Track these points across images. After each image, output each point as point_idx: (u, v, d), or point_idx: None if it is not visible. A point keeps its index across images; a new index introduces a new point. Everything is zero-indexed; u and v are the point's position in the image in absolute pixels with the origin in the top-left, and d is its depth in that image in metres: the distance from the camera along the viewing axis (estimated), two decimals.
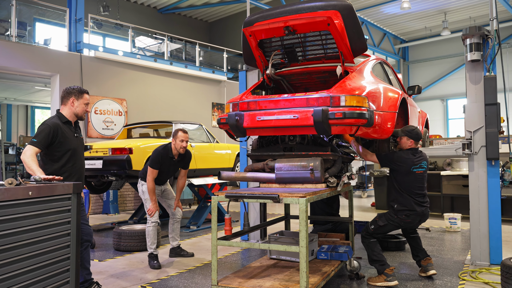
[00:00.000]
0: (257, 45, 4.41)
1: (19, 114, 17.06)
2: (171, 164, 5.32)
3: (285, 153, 4.26)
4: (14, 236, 2.42)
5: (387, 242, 5.96)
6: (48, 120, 3.72)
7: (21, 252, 2.47)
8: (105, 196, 10.15)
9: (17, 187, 2.46)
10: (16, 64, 9.15)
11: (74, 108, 3.79)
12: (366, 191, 13.96)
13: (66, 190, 2.84)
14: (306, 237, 3.33)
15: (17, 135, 16.43)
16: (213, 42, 16.61)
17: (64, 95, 3.81)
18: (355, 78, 4.15)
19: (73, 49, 10.35)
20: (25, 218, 2.50)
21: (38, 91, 13.65)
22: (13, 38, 9.54)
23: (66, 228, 2.84)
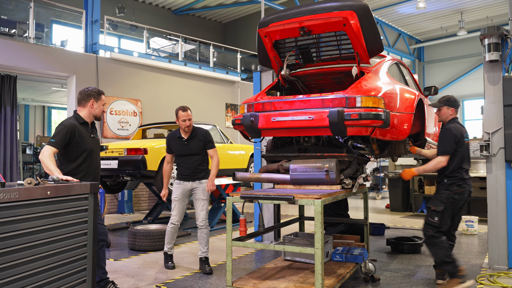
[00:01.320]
0: (272, 46, 4.40)
1: (36, 115, 17.31)
2: (181, 144, 5.01)
3: (300, 154, 4.24)
4: (32, 235, 2.45)
5: (403, 245, 5.89)
6: (66, 120, 3.77)
7: (40, 251, 2.50)
8: (120, 196, 10.25)
9: (36, 186, 2.49)
10: (34, 65, 9.30)
11: (93, 109, 3.84)
12: (380, 193, 13.84)
13: (83, 190, 2.87)
14: (321, 238, 3.31)
15: (34, 135, 16.67)
16: (227, 43, 16.65)
17: (82, 97, 3.85)
18: (371, 79, 4.11)
19: (89, 50, 10.47)
20: (43, 217, 2.53)
21: (54, 92, 13.84)
22: (31, 39, 9.70)
23: (83, 227, 2.87)
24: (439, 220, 4.18)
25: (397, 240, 6.05)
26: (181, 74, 12.13)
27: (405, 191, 10.43)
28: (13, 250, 2.31)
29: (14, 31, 9.87)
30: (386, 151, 4.72)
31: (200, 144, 5.02)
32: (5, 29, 9.77)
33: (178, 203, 5.02)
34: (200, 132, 5.07)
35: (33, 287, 2.44)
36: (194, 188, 5.04)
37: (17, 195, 2.32)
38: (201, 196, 5.00)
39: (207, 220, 5.01)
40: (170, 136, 5.13)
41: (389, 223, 8.38)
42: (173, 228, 5.07)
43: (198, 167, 5.02)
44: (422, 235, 4.42)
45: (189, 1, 16.05)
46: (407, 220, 9.05)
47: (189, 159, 5.02)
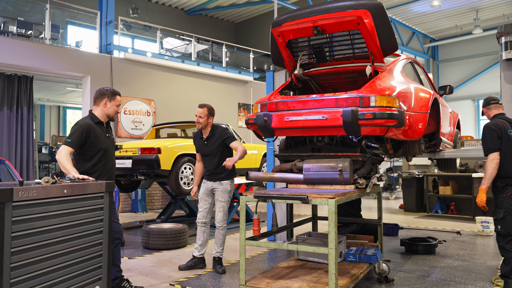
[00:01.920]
0: (285, 45, 4.40)
1: (52, 115, 17.55)
2: (202, 144, 5.03)
3: (314, 153, 4.23)
4: (49, 233, 2.48)
5: (417, 245, 5.83)
6: (81, 120, 3.81)
7: (56, 248, 2.53)
8: (133, 195, 10.33)
9: (53, 185, 2.53)
10: (50, 66, 9.43)
11: (106, 109, 3.86)
12: (393, 193, 13.72)
13: (99, 189, 2.90)
14: (335, 238, 3.30)
15: (50, 135, 16.91)
16: (240, 43, 16.67)
17: (97, 96, 3.89)
18: (385, 78, 4.08)
19: (103, 50, 10.58)
20: (60, 215, 2.57)
21: (69, 92, 14.00)
22: (46, 40, 9.83)
23: (99, 226, 2.90)
24: (502, 228, 3.97)
25: (411, 240, 6.00)
26: (194, 74, 12.18)
27: (419, 191, 10.33)
28: (31, 248, 2.35)
29: (31, 32, 10.02)
30: (401, 150, 4.67)
31: (218, 142, 4.95)
32: (22, 31, 9.93)
33: (201, 202, 5.06)
34: (218, 131, 5.01)
35: (50, 284, 2.48)
36: (214, 188, 5.00)
37: (35, 194, 2.36)
38: (219, 197, 4.96)
39: (225, 222, 4.98)
40: (194, 135, 5.18)
41: (402, 223, 8.31)
42: (199, 226, 5.04)
43: (217, 167, 4.97)
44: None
45: (202, 1, 16.12)
46: (421, 220, 8.96)
47: (209, 159, 5.01)
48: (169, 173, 6.87)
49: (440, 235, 7.14)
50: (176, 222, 8.04)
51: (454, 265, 5.16)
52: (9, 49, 8.91)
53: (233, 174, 5.06)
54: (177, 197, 8.60)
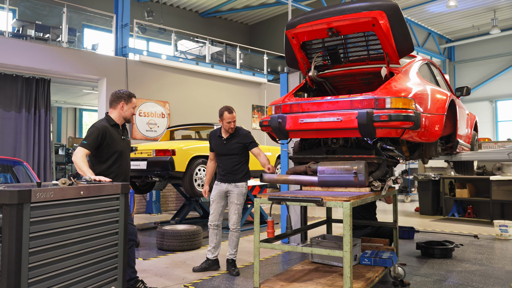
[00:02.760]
0: (299, 47, 4.39)
1: (68, 117, 17.80)
2: (220, 143, 4.98)
3: (328, 156, 4.21)
4: (66, 234, 2.52)
5: (433, 249, 5.75)
6: (97, 122, 3.85)
7: (72, 249, 2.56)
8: (148, 196, 10.42)
9: (69, 186, 2.56)
10: (66, 69, 9.57)
11: (123, 112, 3.90)
12: (409, 196, 13.58)
13: (115, 190, 2.93)
14: (350, 241, 3.27)
15: (66, 137, 17.15)
16: (253, 45, 16.70)
17: (113, 99, 3.93)
18: (401, 80, 4.05)
19: (119, 53, 10.70)
20: (76, 216, 2.60)
21: (86, 94, 14.20)
22: (63, 43, 9.99)
23: (115, 227, 2.93)
24: None
25: (427, 244, 5.92)
26: (208, 76, 12.24)
27: (435, 194, 10.19)
28: (48, 248, 2.38)
29: (48, 36, 10.20)
30: (417, 153, 4.62)
31: (239, 145, 4.95)
32: (40, 34, 10.11)
33: (214, 204, 5.01)
34: (241, 133, 5.01)
35: (67, 284, 2.51)
36: (229, 191, 4.97)
37: (52, 195, 2.39)
38: (235, 200, 4.93)
39: (239, 224, 4.97)
40: (211, 134, 5.13)
41: (418, 226, 8.21)
42: (211, 229, 5.01)
43: (235, 168, 4.94)
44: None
45: (216, 3, 16.19)
46: (438, 224, 8.84)
47: (227, 159, 4.96)
48: (183, 175, 6.91)
49: (457, 238, 7.03)
50: (190, 223, 8.07)
51: (472, 270, 5.07)
52: (27, 53, 9.08)
53: (247, 176, 5.05)
54: (191, 199, 8.65)
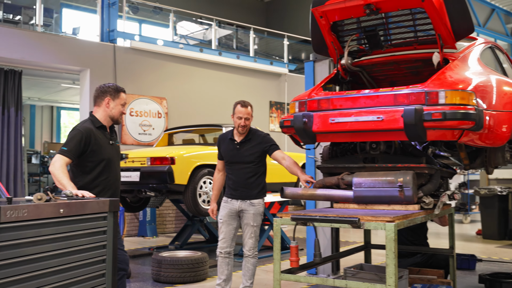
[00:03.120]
0: (329, 29, 4.40)
1: (44, 117, 18.08)
2: (232, 148, 4.91)
3: (366, 165, 4.20)
4: (42, 261, 2.54)
5: (501, 283, 5.67)
6: (80, 124, 3.90)
7: (49, 281, 2.59)
8: (141, 216, 10.49)
9: (47, 203, 2.60)
10: (41, 58, 9.73)
11: (109, 110, 3.93)
12: (468, 215, 13.39)
13: (101, 208, 2.96)
14: (395, 273, 3.25)
15: (41, 141, 17.42)
16: (271, 26, 16.74)
17: (97, 95, 3.97)
18: (458, 68, 4.04)
19: (105, 39, 10.83)
20: (54, 240, 2.63)
21: (65, 89, 14.42)
22: (38, 27, 10.16)
23: (101, 253, 2.96)
24: None
25: (493, 276, 5.83)
26: (215, 66, 12.31)
27: (502, 213, 10.03)
28: (20, 280, 2.41)
29: (19, 18, 10.39)
30: (479, 160, 4.57)
31: (255, 150, 4.87)
32: (9, 16, 10.31)
33: (224, 226, 4.92)
34: (258, 135, 4.97)
35: None
36: (243, 210, 4.88)
37: (26, 213, 2.43)
38: (250, 221, 4.86)
39: (256, 249, 4.92)
40: (221, 137, 5.09)
41: (481, 254, 8.09)
42: (221, 258, 4.95)
43: (249, 180, 4.85)
44: None
45: None
46: (506, 250, 8.70)
47: (240, 169, 4.88)
48: (184, 189, 6.94)
49: None
50: (194, 249, 8.09)
51: None
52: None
53: (264, 191, 5.00)
54: (194, 219, 8.68)
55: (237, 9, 17.82)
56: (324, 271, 6.28)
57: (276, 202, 8.30)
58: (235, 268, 6.37)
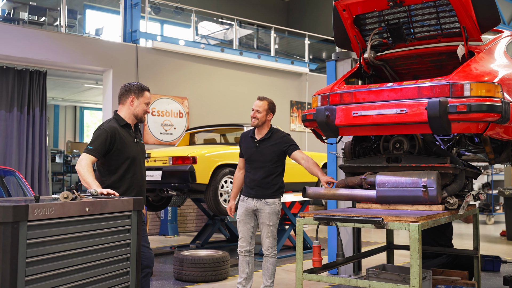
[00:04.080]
0: (352, 22, 4.40)
1: (67, 116, 18.30)
2: (252, 146, 4.91)
3: (390, 165, 4.17)
4: (68, 259, 2.58)
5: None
6: (105, 123, 3.93)
7: (75, 278, 2.62)
8: (162, 215, 10.56)
9: (72, 201, 2.63)
10: (65, 59, 9.86)
11: (133, 108, 3.96)
12: (492, 216, 13.20)
13: (126, 207, 2.99)
14: (419, 273, 3.22)
15: (65, 141, 17.66)
16: (292, 26, 16.71)
17: (122, 94, 4.00)
18: (484, 61, 4.00)
19: (128, 39, 10.93)
20: (80, 238, 2.66)
21: (88, 90, 14.59)
22: (62, 28, 10.30)
23: (125, 251, 2.99)
24: None
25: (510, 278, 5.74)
26: (236, 66, 12.33)
27: None
28: (46, 277, 2.44)
29: (44, 20, 10.55)
30: (504, 155, 4.53)
31: (274, 149, 4.85)
32: (34, 17, 10.47)
33: (241, 225, 4.95)
34: (278, 134, 4.95)
35: None
36: (258, 209, 4.86)
37: (53, 212, 2.46)
38: (266, 221, 4.82)
39: (275, 248, 4.90)
40: (243, 135, 5.12)
41: (506, 255, 7.97)
42: (241, 257, 4.97)
43: (266, 180, 4.83)
44: None
45: None
46: None
47: (258, 167, 4.87)
48: (206, 188, 6.97)
49: None
50: (215, 248, 8.12)
51: None
52: (19, 40, 9.41)
53: (281, 191, 4.96)
54: (215, 218, 8.71)
55: (258, 9, 17.82)
56: (345, 271, 6.25)
57: (297, 202, 8.27)
58: (256, 267, 6.38)
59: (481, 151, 4.52)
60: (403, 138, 4.25)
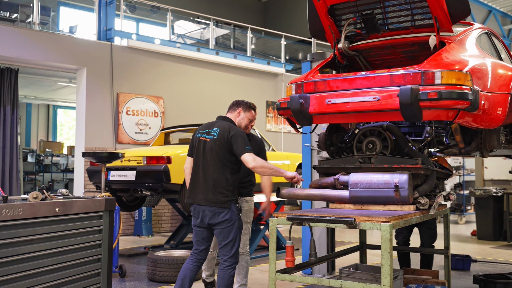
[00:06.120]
0: (326, 12, 4.43)
1: (40, 115, 18.02)
2: None
3: (362, 165, 4.20)
4: (37, 260, 2.54)
5: (495, 283, 5.68)
6: (236, 128, 4.28)
7: (44, 280, 2.59)
8: (136, 215, 10.48)
9: (42, 202, 2.60)
10: (38, 56, 9.69)
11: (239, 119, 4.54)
12: (464, 216, 13.44)
13: (98, 207, 2.96)
14: (390, 273, 3.26)
15: (37, 140, 17.37)
16: (268, 26, 16.75)
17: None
18: (455, 50, 4.09)
19: (102, 37, 10.80)
20: (49, 239, 2.63)
21: (61, 88, 14.39)
22: (35, 25, 10.12)
23: (97, 252, 2.96)
24: None
25: (488, 277, 5.85)
26: (212, 66, 12.30)
27: (498, 214, 10.07)
28: (15, 278, 2.41)
29: (16, 16, 10.35)
30: (474, 144, 4.63)
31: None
32: (6, 14, 10.27)
33: None
34: (254, 139, 5.18)
35: None
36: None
37: (22, 212, 2.43)
38: (244, 217, 4.90)
39: (248, 247, 4.97)
40: None
41: (476, 254, 8.12)
42: (209, 254, 5.06)
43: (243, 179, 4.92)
44: None
45: None
46: (500, 251, 8.73)
47: None
48: (181, 188, 6.93)
49: None
50: (189, 248, 8.08)
51: None
52: None
53: (252, 188, 5.13)
54: (190, 218, 8.67)
55: (234, 9, 17.82)
56: (319, 271, 6.29)
57: (272, 202, 8.28)
58: None
59: (453, 145, 4.61)
60: (376, 139, 4.30)
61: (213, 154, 4.12)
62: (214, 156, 4.11)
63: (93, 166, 7.57)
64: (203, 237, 4.23)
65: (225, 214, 4.06)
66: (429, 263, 5.82)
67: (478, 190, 10.20)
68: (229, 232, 4.09)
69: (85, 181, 9.73)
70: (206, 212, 4.09)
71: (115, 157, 6.25)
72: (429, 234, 5.79)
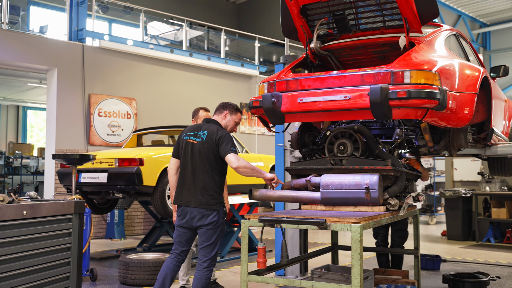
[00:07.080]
0: (299, 12, 4.47)
1: (9, 116, 17.68)
2: None
3: (334, 167, 4.24)
4: (4, 264, 2.50)
5: (463, 282, 5.80)
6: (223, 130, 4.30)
7: (13, 284, 2.55)
8: (109, 218, 10.37)
9: (9, 204, 2.56)
10: (7, 57, 9.51)
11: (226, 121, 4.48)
12: (434, 216, 13.68)
13: (67, 210, 2.93)
14: (360, 273, 3.30)
15: (6, 141, 17.03)
16: (242, 29, 16.77)
17: None
18: (424, 51, 4.18)
19: (74, 38, 10.66)
20: (17, 242, 2.59)
21: (31, 89, 14.15)
22: (3, 25, 9.94)
23: (66, 255, 2.93)
24: None
25: (457, 276, 5.97)
26: (186, 67, 12.26)
27: (467, 215, 10.28)
28: None
29: None
30: (443, 143, 4.73)
31: None
32: None
33: None
34: None
35: None
36: None
37: None
38: None
39: None
40: None
41: (445, 254, 8.27)
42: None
43: None
44: None
45: None
46: (469, 251, 8.91)
47: None
48: (153, 190, 6.88)
49: (493, 269, 7.09)
50: (162, 251, 8.03)
51: None
52: None
53: None
54: (163, 220, 8.62)
55: (208, 11, 17.79)
56: (292, 272, 6.32)
57: (246, 204, 8.30)
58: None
59: (423, 145, 4.70)
60: (347, 141, 4.35)
61: (201, 157, 4.15)
62: (203, 158, 4.15)
63: (63, 168, 7.46)
64: (186, 239, 4.28)
65: (213, 216, 4.13)
66: (399, 263, 5.93)
67: (448, 191, 10.39)
68: (213, 234, 4.15)
69: (56, 184, 9.59)
70: (194, 213, 4.14)
71: (86, 159, 6.18)
72: (399, 235, 5.89)
